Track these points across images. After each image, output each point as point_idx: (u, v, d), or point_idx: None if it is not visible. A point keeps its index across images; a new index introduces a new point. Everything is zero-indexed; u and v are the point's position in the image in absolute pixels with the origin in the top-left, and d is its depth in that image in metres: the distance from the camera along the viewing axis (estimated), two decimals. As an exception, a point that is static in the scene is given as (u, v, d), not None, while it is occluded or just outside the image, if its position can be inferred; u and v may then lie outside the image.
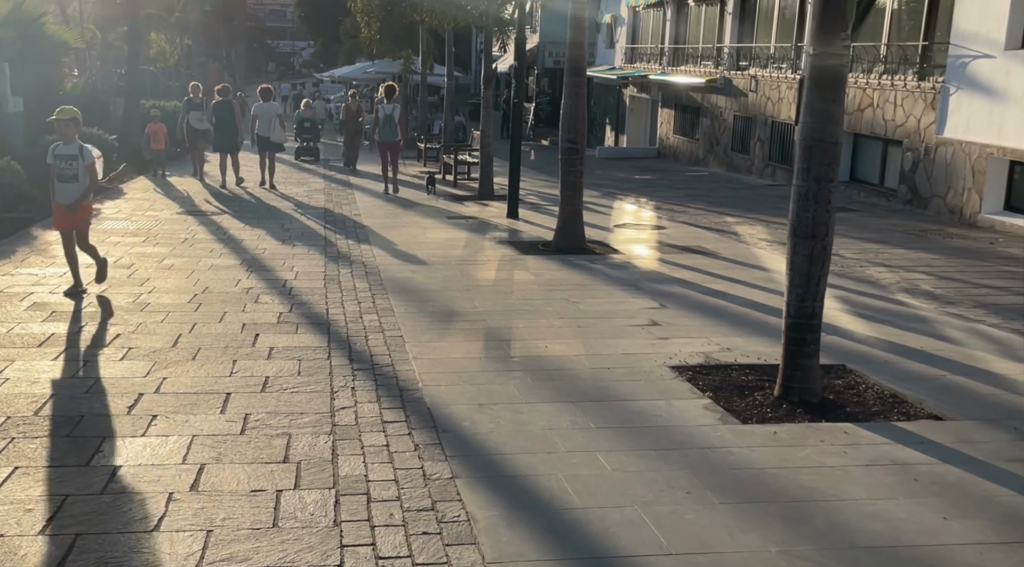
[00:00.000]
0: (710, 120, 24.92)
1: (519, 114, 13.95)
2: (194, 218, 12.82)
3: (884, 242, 12.21)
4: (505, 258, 10.53)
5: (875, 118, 16.99)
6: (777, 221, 14.13)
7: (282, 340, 6.65)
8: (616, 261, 10.38)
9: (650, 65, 30.29)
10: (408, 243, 11.31)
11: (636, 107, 32.61)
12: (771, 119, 21.28)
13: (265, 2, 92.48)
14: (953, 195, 14.69)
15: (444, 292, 8.43)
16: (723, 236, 12.53)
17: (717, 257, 10.78)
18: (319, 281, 8.78)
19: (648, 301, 8.24)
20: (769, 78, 21.40)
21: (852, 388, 5.88)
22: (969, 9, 14.39)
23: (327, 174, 20.97)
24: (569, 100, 10.96)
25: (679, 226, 13.51)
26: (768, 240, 12.23)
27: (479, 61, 55.20)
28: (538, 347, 6.63)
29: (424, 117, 29.53)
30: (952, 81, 14.82)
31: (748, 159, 22.53)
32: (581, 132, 11.01)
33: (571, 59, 11.00)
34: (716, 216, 14.80)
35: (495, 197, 16.39)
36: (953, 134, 14.76)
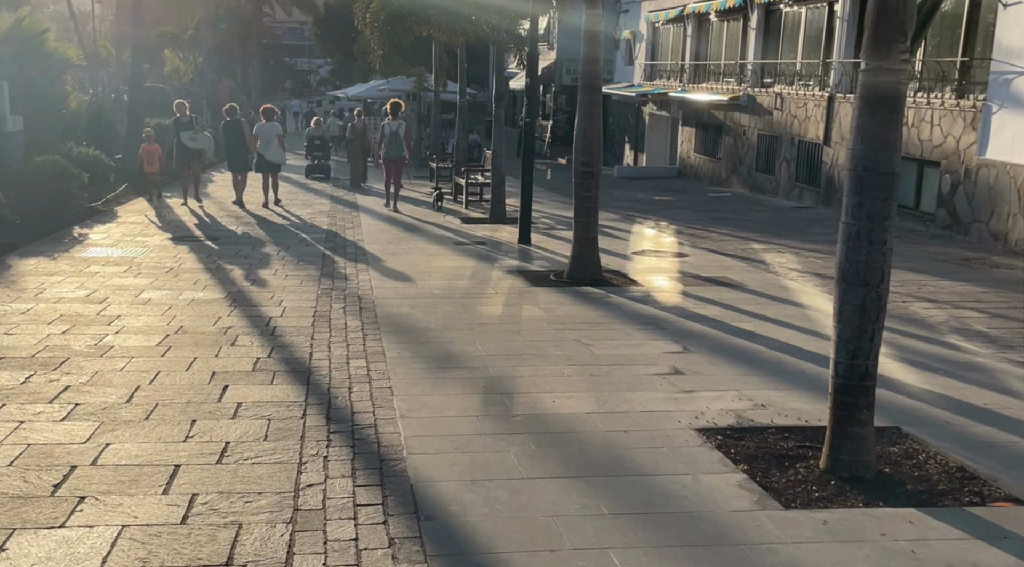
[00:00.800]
0: (733, 139, 24.07)
1: (531, 133, 13.18)
2: (185, 245, 12.08)
3: (926, 272, 11.31)
4: (514, 290, 9.71)
5: (910, 138, 16.08)
6: (808, 248, 13.25)
7: (253, 393, 5.85)
8: (634, 294, 9.54)
9: (670, 82, 29.50)
10: (410, 272, 10.52)
11: (656, 125, 31.80)
12: (798, 138, 20.41)
13: (283, 20, 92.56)
14: (997, 220, 13.77)
15: (444, 332, 7.62)
16: (750, 265, 11.66)
17: (744, 290, 9.92)
18: (307, 318, 7.99)
19: (670, 343, 7.39)
20: (795, 96, 20.55)
21: (910, 458, 5.01)
22: (1013, 23, 13.51)
23: (335, 194, 20.28)
24: (583, 120, 10.16)
25: (702, 253, 12.65)
26: (800, 270, 11.35)
27: (495, 78, 54.66)
28: (544, 402, 5.80)
29: (437, 135, 28.84)
30: (995, 99, 13.92)
31: (773, 180, 21.65)
32: (596, 154, 10.20)
33: (585, 75, 10.21)
34: (742, 242, 13.92)
35: (507, 220, 15.59)
36: (996, 155, 13.85)
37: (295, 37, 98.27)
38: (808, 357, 7.05)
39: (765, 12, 22.95)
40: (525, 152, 13.20)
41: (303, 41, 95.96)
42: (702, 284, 10.20)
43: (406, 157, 17.66)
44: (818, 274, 11.06)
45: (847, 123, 18.19)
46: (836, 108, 18.67)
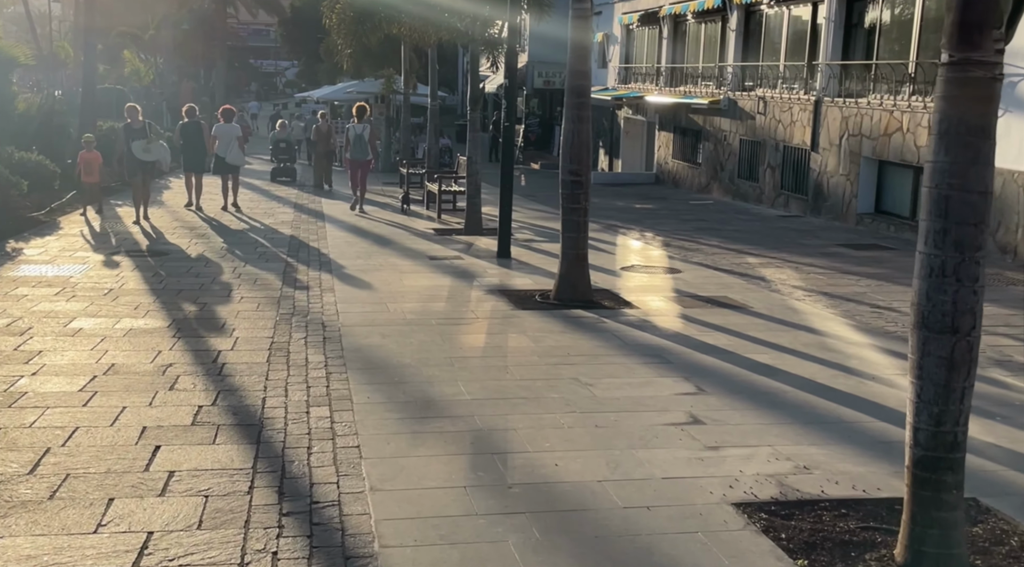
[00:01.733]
0: (713, 144, 23.25)
1: (510, 138, 12.21)
2: (131, 261, 10.96)
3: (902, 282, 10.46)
4: (497, 314, 8.72)
5: (904, 144, 15.31)
6: (806, 263, 12.38)
7: (191, 457, 4.81)
8: (630, 318, 8.58)
9: (646, 85, 28.67)
10: (381, 293, 9.49)
11: (631, 130, 30.97)
12: (782, 144, 19.60)
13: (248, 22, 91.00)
14: (1005, 232, 12.99)
15: (420, 368, 6.61)
16: (750, 283, 10.76)
17: (750, 312, 9.00)
18: (262, 352, 6.94)
19: (680, 382, 6.43)
20: (779, 99, 19.75)
21: (1001, 542, 4.08)
22: (1019, 22, 12.74)
23: (299, 200, 19.17)
24: (571, 125, 9.20)
25: (695, 269, 11.73)
26: (804, 288, 10.46)
27: (465, 81, 53.59)
28: (545, 465, 4.81)
29: (407, 139, 27.78)
30: (998, 103, 13.14)
31: (757, 187, 20.84)
32: (585, 162, 9.25)
33: (573, 74, 9.25)
34: (735, 255, 13.03)
35: (484, 231, 14.60)
36: (1002, 163, 13.04)
37: (261, 39, 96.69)
38: (841, 399, 6.13)
39: (745, 13, 22.17)
40: (504, 159, 12.23)
41: (269, 43, 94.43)
42: (702, 306, 9.27)
43: (371, 160, 17.92)
44: (825, 293, 10.17)
45: (835, 128, 17.39)
46: (823, 112, 17.87)
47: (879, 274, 11.53)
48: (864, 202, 16.82)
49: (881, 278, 11.23)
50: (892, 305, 9.54)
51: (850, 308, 9.35)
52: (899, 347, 7.68)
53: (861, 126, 16.56)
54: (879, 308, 9.37)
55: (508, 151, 12.24)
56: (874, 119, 16.16)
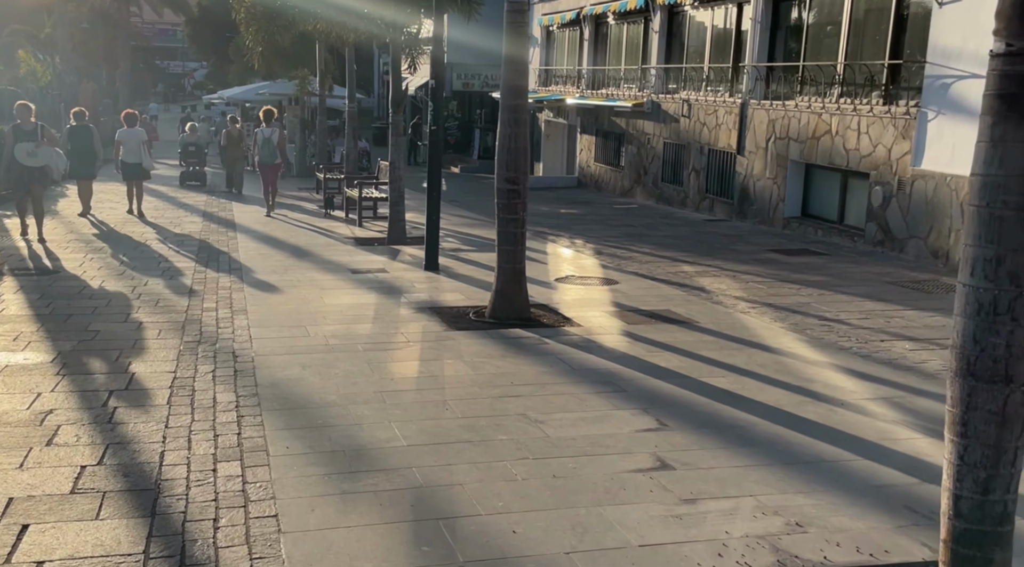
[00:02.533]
0: (636, 148, 22.88)
1: (438, 143, 11.45)
2: (14, 281, 9.84)
3: (882, 298, 10.11)
4: (429, 336, 7.96)
5: (834, 147, 15.08)
6: (742, 271, 11.93)
7: (66, 539, 3.94)
8: (573, 338, 7.93)
9: (567, 88, 28.22)
10: (300, 313, 8.64)
11: (552, 133, 30.49)
12: (707, 147, 19.30)
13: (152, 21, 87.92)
14: (937, 237, 12.79)
15: (347, 406, 5.82)
16: (690, 294, 10.23)
17: (697, 328, 8.44)
18: (163, 391, 6.05)
19: (639, 414, 5.79)
20: (704, 102, 19.44)
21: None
22: (950, 23, 12.56)
23: (209, 206, 18.06)
24: (508, 129, 8.50)
25: (632, 279, 11.17)
26: (747, 300, 9.98)
27: (382, 82, 52.44)
28: (502, 532, 4.09)
29: (324, 143, 26.71)
30: (930, 105, 12.96)
31: (681, 191, 20.51)
32: (523, 169, 8.56)
33: (510, 73, 8.55)
34: (669, 264, 12.53)
35: (408, 241, 13.81)
36: (934, 166, 12.88)
37: (167, 39, 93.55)
38: (814, 431, 5.57)
39: (668, 14, 21.85)
40: (431, 164, 11.46)
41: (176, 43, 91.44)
42: (647, 321, 8.68)
43: (280, 164, 17.96)
44: (769, 304, 9.70)
45: (762, 131, 17.10)
46: (750, 115, 17.60)
47: (818, 282, 11.15)
48: (791, 206, 16.58)
49: (821, 286, 10.84)
50: (839, 317, 9.11)
51: (798, 321, 8.89)
52: (858, 365, 7.20)
53: (788, 129, 16.30)
54: (827, 320, 8.93)
55: (436, 156, 11.48)
56: (802, 122, 15.92)
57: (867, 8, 15.10)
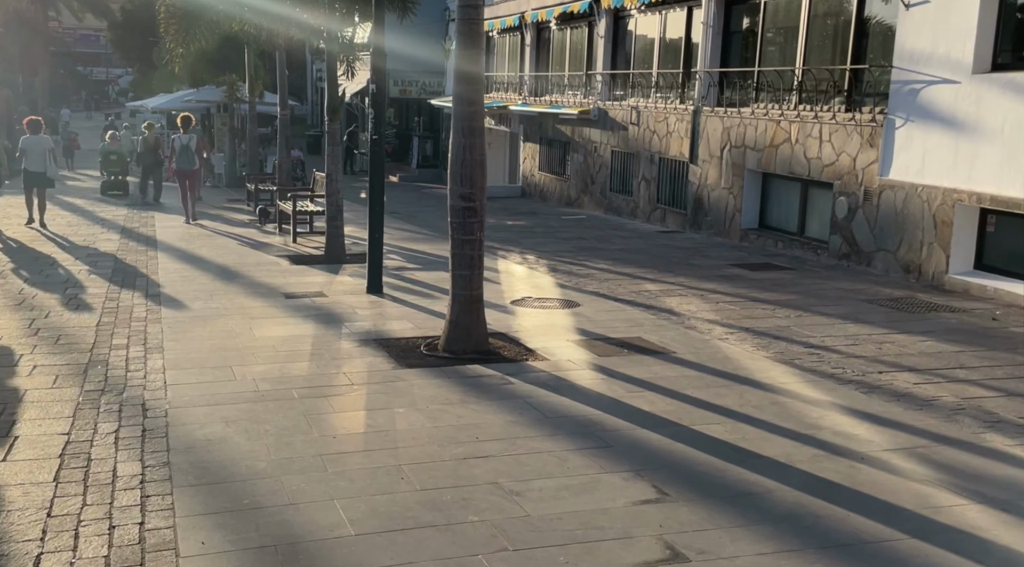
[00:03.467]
0: (583, 156, 22.09)
1: (380, 153, 10.42)
2: None
3: (863, 320, 9.38)
4: (376, 376, 6.94)
5: (793, 156, 14.43)
6: (708, 289, 11.14)
7: None
8: (541, 375, 6.99)
9: (509, 95, 27.37)
10: (225, 349, 7.55)
11: (494, 141, 29.55)
12: (658, 156, 18.57)
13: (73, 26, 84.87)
14: (907, 250, 12.16)
15: (281, 479, 4.78)
16: (659, 318, 9.38)
17: (675, 360, 7.57)
18: (50, 462, 4.94)
19: (632, 480, 4.87)
20: (654, 109, 18.71)
21: None
22: (918, 26, 11.96)
23: (129, 221, 16.74)
24: (462, 138, 7.53)
25: (594, 300, 10.29)
26: (721, 323, 9.16)
27: (315, 89, 50.97)
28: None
29: (255, 152, 25.39)
30: (898, 112, 12.36)
31: (631, 201, 19.75)
32: (480, 184, 7.61)
33: (463, 76, 7.58)
34: (630, 281, 11.69)
35: (348, 258, 12.75)
36: (903, 176, 12.27)
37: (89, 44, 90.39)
38: (842, 498, 4.71)
39: (614, 19, 21.14)
40: (373, 176, 10.41)
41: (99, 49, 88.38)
42: (618, 352, 7.79)
43: (198, 169, 17.96)
44: (746, 328, 8.89)
45: (716, 139, 16.41)
46: (703, 122, 16.91)
47: (791, 302, 10.40)
48: (748, 217, 15.91)
49: (795, 306, 10.08)
50: (825, 342, 8.33)
51: (783, 349, 8.09)
52: (864, 404, 6.40)
53: (744, 137, 15.63)
54: (814, 348, 8.14)
55: (377, 167, 10.45)
56: (759, 130, 15.25)
57: (826, 11, 14.51)
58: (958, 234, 11.51)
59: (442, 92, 33.52)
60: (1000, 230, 11.32)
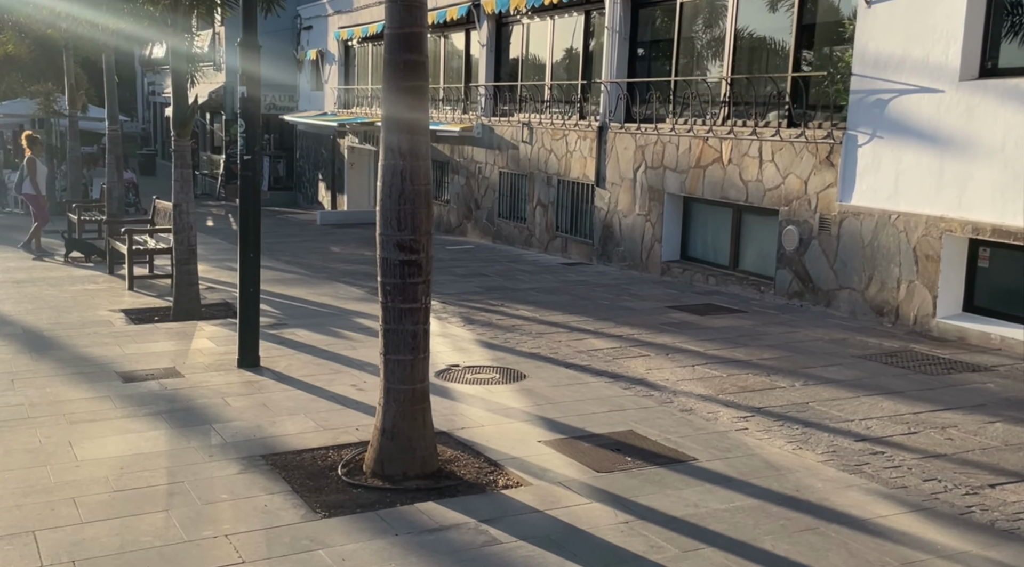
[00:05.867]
0: (465, 178, 19.79)
1: (255, 179, 7.73)
2: None
3: (885, 389, 7.44)
4: (278, 540, 4.34)
5: (726, 178, 12.58)
6: (666, 345, 8.99)
7: None
8: (530, 517, 4.60)
9: (375, 110, 24.78)
10: (26, 492, 4.76)
11: (358, 161, 26.92)
12: (557, 178, 16.47)
13: None
14: (880, 289, 10.44)
15: None
16: (636, 394, 7.13)
17: (704, 475, 5.34)
18: None
19: None
20: (550, 126, 16.63)
21: None
22: (885, 27, 10.30)
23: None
24: (397, 161, 5.08)
25: (540, 367, 7.95)
26: (719, 401, 7.00)
27: (146, 104, 46.48)
28: None
29: (77, 174, 21.72)
30: (861, 126, 10.66)
31: (525, 228, 17.58)
32: (426, 229, 5.16)
33: (398, 66, 5.12)
34: (566, 333, 9.43)
35: (204, 313, 9.92)
36: (870, 201, 10.56)
37: None
38: None
39: (497, 25, 19.00)
40: (246, 208, 7.69)
41: None
42: (618, 461, 5.48)
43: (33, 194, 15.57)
44: (757, 409, 6.77)
45: (627, 159, 14.44)
46: (611, 141, 14.92)
47: (777, 362, 8.39)
48: (669, 248, 13.99)
49: (787, 370, 8.07)
50: (872, 430, 6.30)
51: (830, 445, 5.99)
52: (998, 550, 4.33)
53: (663, 157, 13.72)
54: (867, 440, 6.09)
55: (251, 197, 7.73)
56: (681, 148, 13.36)
57: (760, 11, 12.78)
58: (947, 270, 9.84)
59: (295, 107, 30.57)
60: (997, 265, 9.71)
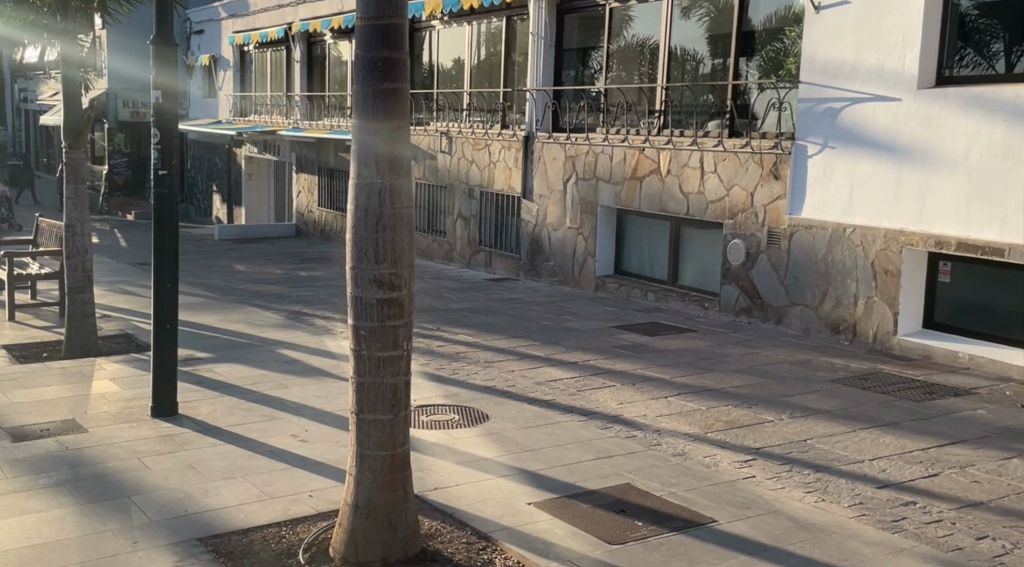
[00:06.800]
0: (377, 189, 18.71)
1: (172, 197, 6.64)
2: None
3: (877, 421, 6.88)
4: None
5: (665, 190, 12.01)
6: (629, 373, 8.28)
7: None
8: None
9: (275, 118, 23.52)
10: None
11: (256, 172, 25.51)
12: (479, 189, 15.66)
13: None
14: (835, 305, 9.98)
15: None
16: (617, 435, 6.37)
17: (731, 542, 4.61)
18: None
19: None
20: (470, 135, 15.81)
21: None
22: (835, 33, 9.88)
23: None
24: (373, 178, 4.20)
25: (499, 404, 7.11)
26: (710, 441, 6.30)
27: (17, 112, 43.47)
28: None
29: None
30: (811, 137, 10.22)
31: (445, 242, 16.70)
32: (408, 260, 4.26)
33: (371, 65, 4.21)
34: (516, 361, 8.61)
35: (102, 348, 8.69)
36: (822, 214, 10.11)
37: None
38: None
39: (410, 30, 18.03)
40: (161, 235, 6.58)
41: None
42: (628, 528, 4.69)
43: None
44: (756, 451, 6.10)
45: (556, 170, 13.74)
46: (538, 151, 14.22)
47: (751, 389, 7.79)
48: (603, 262, 13.34)
49: (765, 399, 7.46)
50: (889, 473, 5.71)
51: (855, 495, 5.35)
52: None
53: (596, 168, 13.08)
54: (890, 487, 5.48)
55: (168, 217, 6.62)
56: (615, 158, 12.74)
57: (697, 17, 12.28)
58: (907, 286, 9.44)
59: (185, 115, 28.87)
60: (959, 280, 9.36)
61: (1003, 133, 8.41)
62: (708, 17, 12.12)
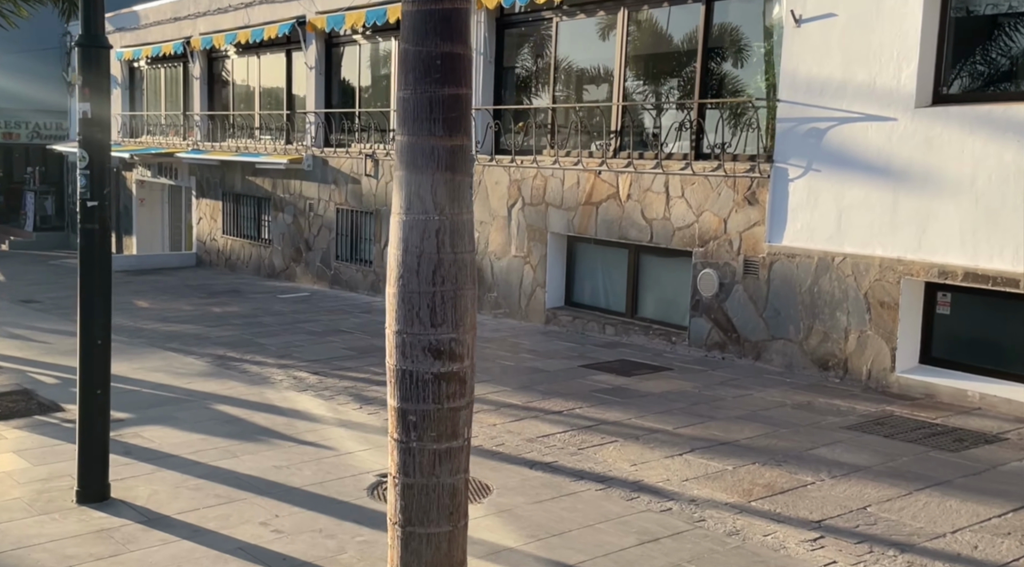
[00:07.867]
0: (291, 216, 17.38)
1: (105, 233, 5.32)
2: None
3: (910, 476, 6.11)
4: None
5: (625, 216, 11.17)
6: (621, 424, 7.32)
7: None
8: None
9: (171, 139, 21.81)
10: None
11: (150, 197, 23.65)
12: (409, 215, 14.50)
13: None
14: (823, 339, 9.27)
15: None
16: (648, 506, 5.39)
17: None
18: None
19: None
20: (399, 157, 14.66)
21: None
22: (819, 48, 9.24)
23: None
24: (431, 214, 3.06)
25: (497, 469, 6.04)
26: (753, 511, 5.40)
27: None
28: None
29: None
30: (791, 159, 9.54)
31: (371, 272, 15.47)
32: (470, 322, 3.17)
33: (425, 84, 3.13)
34: (494, 413, 7.55)
35: (13, 411, 7.21)
36: (806, 242, 9.42)
37: None
38: None
39: (327, 46, 16.92)
40: (87, 280, 5.27)
41: None
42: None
43: None
44: (815, 524, 5.22)
45: (501, 195, 12.76)
46: (479, 174, 13.18)
47: (764, 437, 6.94)
48: (554, 293, 12.41)
49: (791, 454, 6.62)
50: (978, 548, 4.91)
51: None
52: None
53: (545, 192, 12.16)
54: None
55: (97, 257, 5.31)
56: (567, 182, 11.86)
57: (656, 32, 11.54)
58: (906, 319, 8.80)
59: (65, 136, 26.75)
60: (961, 312, 8.76)
61: (1015, 154, 7.85)
62: (669, 31, 11.39)
